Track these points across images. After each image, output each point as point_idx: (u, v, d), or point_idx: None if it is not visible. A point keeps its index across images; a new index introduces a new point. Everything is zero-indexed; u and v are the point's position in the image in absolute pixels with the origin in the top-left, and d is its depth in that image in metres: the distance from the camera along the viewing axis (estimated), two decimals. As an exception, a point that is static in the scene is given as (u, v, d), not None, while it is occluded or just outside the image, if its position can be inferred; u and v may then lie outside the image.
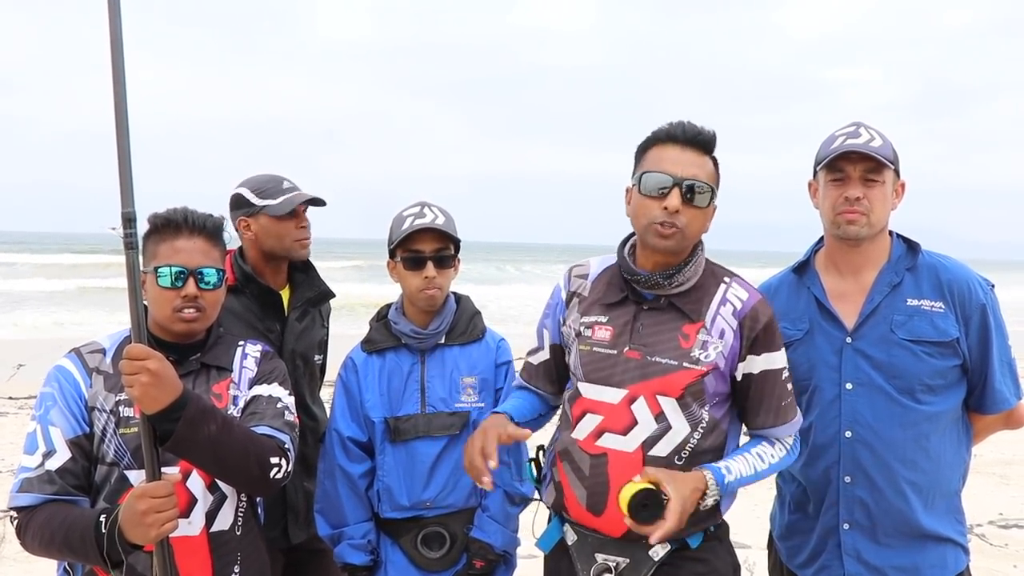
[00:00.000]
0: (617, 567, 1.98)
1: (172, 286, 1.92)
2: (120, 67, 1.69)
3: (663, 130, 1.97)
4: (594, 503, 1.98)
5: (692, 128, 1.95)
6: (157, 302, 1.93)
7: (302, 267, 2.81)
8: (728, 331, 1.96)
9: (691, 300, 1.99)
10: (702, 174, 1.94)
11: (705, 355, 1.94)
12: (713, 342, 1.95)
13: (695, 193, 1.92)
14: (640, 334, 1.98)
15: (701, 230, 1.99)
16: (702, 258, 2.03)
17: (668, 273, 1.97)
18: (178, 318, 1.93)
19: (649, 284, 1.98)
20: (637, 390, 1.95)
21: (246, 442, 1.86)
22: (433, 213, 2.34)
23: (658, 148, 1.97)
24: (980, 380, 2.16)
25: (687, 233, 1.93)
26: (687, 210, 1.91)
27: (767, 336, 1.98)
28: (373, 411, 2.37)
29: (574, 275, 2.17)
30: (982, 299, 2.15)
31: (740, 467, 1.95)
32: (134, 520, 1.69)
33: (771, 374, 1.99)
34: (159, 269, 1.92)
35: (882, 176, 2.14)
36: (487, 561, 2.34)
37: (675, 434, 1.93)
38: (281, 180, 2.68)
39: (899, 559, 2.15)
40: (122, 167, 1.68)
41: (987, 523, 5.39)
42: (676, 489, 1.81)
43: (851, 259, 2.23)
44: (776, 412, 2.00)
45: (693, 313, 1.97)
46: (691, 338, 1.95)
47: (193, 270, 1.94)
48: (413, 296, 2.35)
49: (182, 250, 1.94)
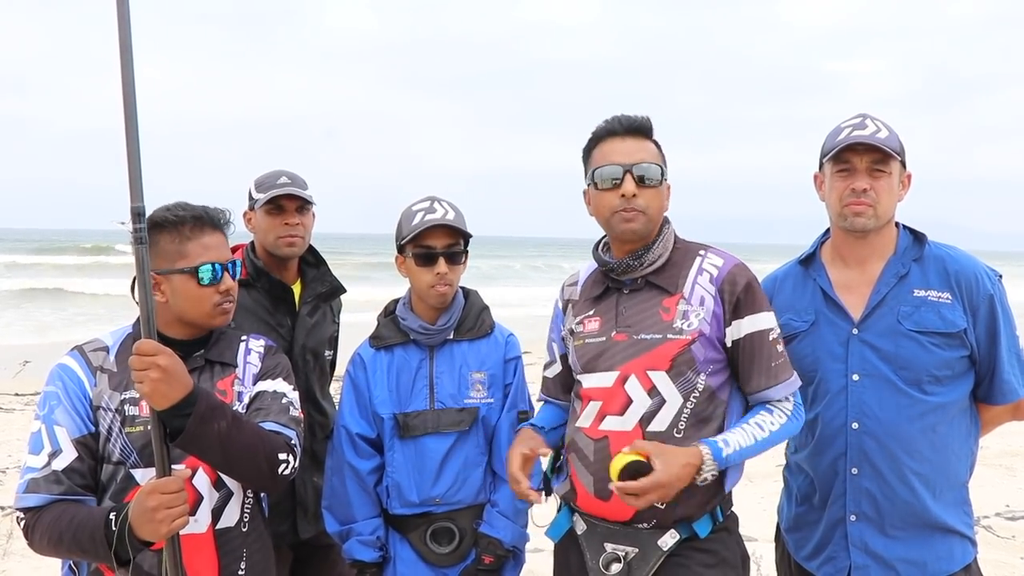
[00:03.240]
0: (626, 556, 2.00)
1: (212, 282, 1.95)
2: (128, 59, 1.68)
3: (602, 127, 2.09)
4: (600, 489, 2.01)
5: (627, 118, 2.07)
6: (196, 299, 1.94)
7: (313, 262, 2.82)
8: (708, 297, 2.01)
9: (666, 276, 2.06)
10: (648, 157, 2.05)
11: (688, 324, 2.00)
12: (694, 310, 2.01)
13: (646, 176, 2.03)
14: (624, 316, 2.06)
15: (660, 208, 2.08)
16: (670, 234, 2.11)
17: (638, 254, 2.05)
18: (219, 312, 1.98)
19: (623, 269, 2.07)
20: (628, 369, 2.01)
21: (255, 438, 1.86)
22: (443, 208, 2.34)
23: (602, 145, 2.08)
24: (988, 371, 2.16)
25: (649, 214, 2.03)
26: (643, 192, 2.02)
27: (748, 297, 2.02)
28: (382, 407, 2.37)
29: (566, 285, 2.29)
30: (989, 290, 2.15)
31: (738, 438, 1.95)
32: (145, 516, 1.69)
33: (758, 336, 2.01)
34: (200, 268, 1.93)
35: (889, 167, 2.13)
36: (496, 556, 2.34)
37: (670, 406, 1.97)
38: (279, 175, 2.68)
39: (906, 551, 2.14)
40: (131, 161, 1.68)
41: (994, 515, 5.39)
42: (664, 462, 1.85)
43: (857, 251, 2.23)
44: (768, 372, 2.01)
45: (670, 287, 2.04)
46: (672, 310, 2.02)
47: (225, 264, 1.98)
48: (424, 292, 2.35)
49: (212, 246, 1.98)
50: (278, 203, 2.63)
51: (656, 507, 1.97)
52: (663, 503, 1.94)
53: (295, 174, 2.71)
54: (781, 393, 2.03)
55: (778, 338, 2.05)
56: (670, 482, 1.85)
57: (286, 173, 2.69)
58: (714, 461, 1.90)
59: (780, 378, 2.02)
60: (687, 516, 2.00)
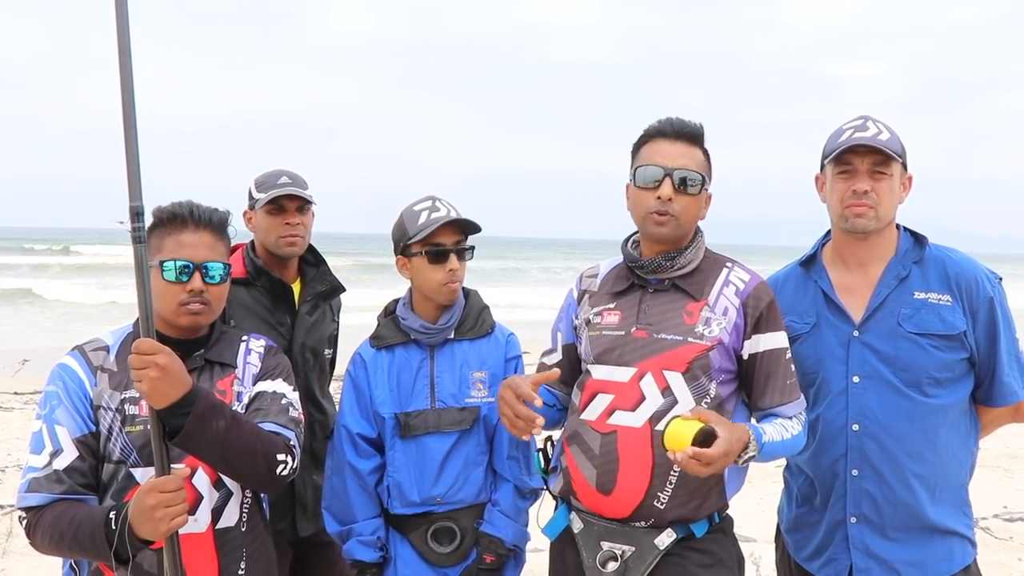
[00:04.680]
0: (623, 555, 2.01)
1: (177, 280, 1.91)
2: (127, 60, 1.68)
3: (653, 127, 2.11)
4: (604, 481, 2.02)
5: (679, 122, 2.09)
6: (162, 296, 1.91)
7: (313, 261, 2.82)
8: (731, 309, 2.04)
9: (694, 281, 2.09)
10: (692, 164, 2.07)
11: (709, 331, 2.02)
12: (716, 319, 2.03)
13: (686, 182, 2.04)
14: (646, 314, 2.07)
15: (695, 216, 2.10)
16: (703, 244, 2.14)
17: (670, 255, 2.08)
18: (184, 311, 1.92)
19: (652, 268, 2.09)
20: (645, 367, 2.02)
21: (254, 439, 1.85)
22: (446, 206, 2.34)
23: (650, 144, 2.11)
24: (988, 373, 2.16)
25: (681, 220, 2.05)
26: (680, 198, 2.04)
27: (771, 315, 2.07)
28: (383, 407, 2.36)
29: (585, 276, 2.30)
30: (989, 292, 2.15)
31: (772, 431, 1.99)
32: (144, 515, 1.69)
33: (776, 353, 2.06)
34: (164, 263, 1.90)
35: (890, 169, 2.13)
36: (497, 556, 2.34)
37: (681, 408, 1.98)
38: (280, 175, 2.68)
39: (906, 552, 2.14)
40: (130, 161, 1.68)
41: (992, 516, 5.40)
42: (726, 429, 1.85)
43: (858, 252, 2.23)
44: (783, 390, 2.05)
45: (696, 292, 2.07)
46: (695, 315, 2.04)
47: (199, 264, 1.93)
48: (434, 290, 2.34)
49: (187, 244, 1.94)
50: (279, 203, 2.63)
51: (655, 506, 1.98)
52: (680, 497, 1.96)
53: (295, 174, 2.71)
54: (792, 411, 2.07)
55: (791, 359, 2.09)
56: (732, 452, 1.85)
57: (286, 173, 2.70)
58: (757, 443, 1.92)
59: (793, 396, 2.07)
60: (685, 518, 2.00)
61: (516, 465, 2.39)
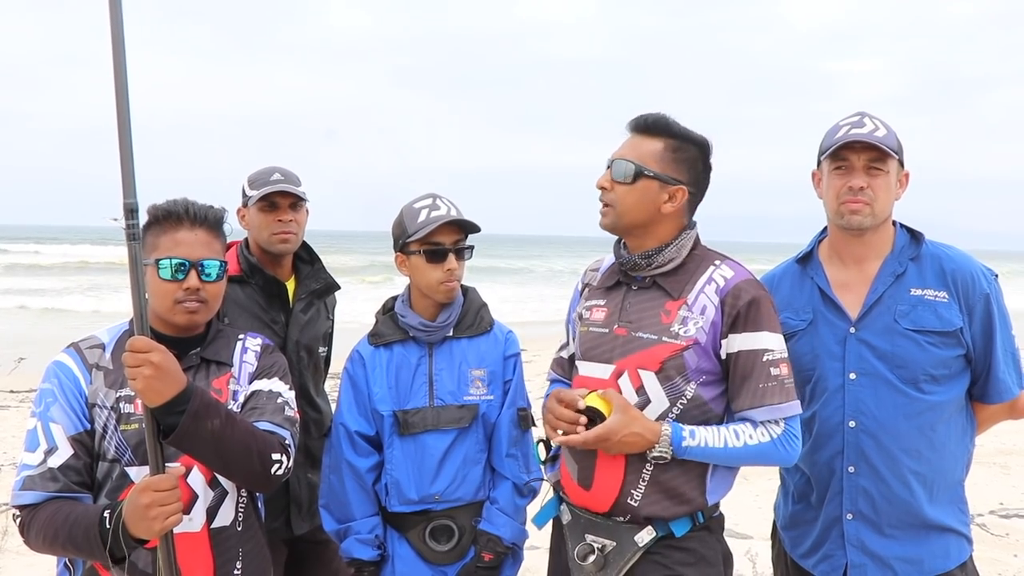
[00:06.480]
0: (603, 549, 2.03)
1: (173, 278, 1.90)
2: (121, 55, 1.67)
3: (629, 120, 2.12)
4: (583, 477, 2.05)
5: (639, 116, 2.09)
6: (158, 294, 1.91)
7: (307, 258, 2.81)
8: (710, 307, 2.00)
9: (674, 280, 2.06)
10: (631, 154, 2.05)
11: (684, 330, 1.99)
12: (694, 318, 2.00)
13: (617, 171, 2.05)
14: (627, 312, 2.08)
15: (634, 207, 2.04)
16: (686, 241, 2.08)
17: (646, 254, 2.07)
18: (180, 309, 1.91)
19: (632, 266, 2.09)
20: (623, 365, 2.03)
21: (248, 437, 1.85)
22: (446, 204, 2.33)
23: None
24: (984, 370, 2.16)
25: (618, 209, 2.05)
26: (616, 187, 2.05)
27: (750, 314, 1.97)
28: (381, 404, 2.36)
29: (588, 269, 2.31)
30: (986, 289, 2.15)
31: (707, 435, 1.94)
32: (138, 514, 1.68)
33: (750, 355, 1.96)
34: (160, 261, 1.90)
35: (886, 166, 2.13)
36: (496, 554, 2.34)
37: (655, 407, 1.98)
38: (273, 171, 2.67)
39: (902, 549, 2.15)
40: (124, 158, 1.66)
41: (988, 513, 5.41)
42: (618, 420, 1.92)
43: (855, 249, 2.22)
44: (755, 394, 1.95)
45: (675, 291, 2.04)
46: (672, 314, 2.02)
47: (195, 262, 1.92)
48: (432, 289, 2.34)
49: (183, 242, 1.93)
50: (272, 200, 2.63)
51: (629, 503, 1.99)
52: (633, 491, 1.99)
53: (288, 170, 2.70)
54: (763, 416, 1.96)
55: (777, 361, 1.98)
56: (610, 441, 1.92)
57: (279, 170, 2.69)
58: (670, 445, 1.92)
59: (765, 400, 1.95)
60: (661, 516, 2.00)
61: (515, 463, 2.39)
